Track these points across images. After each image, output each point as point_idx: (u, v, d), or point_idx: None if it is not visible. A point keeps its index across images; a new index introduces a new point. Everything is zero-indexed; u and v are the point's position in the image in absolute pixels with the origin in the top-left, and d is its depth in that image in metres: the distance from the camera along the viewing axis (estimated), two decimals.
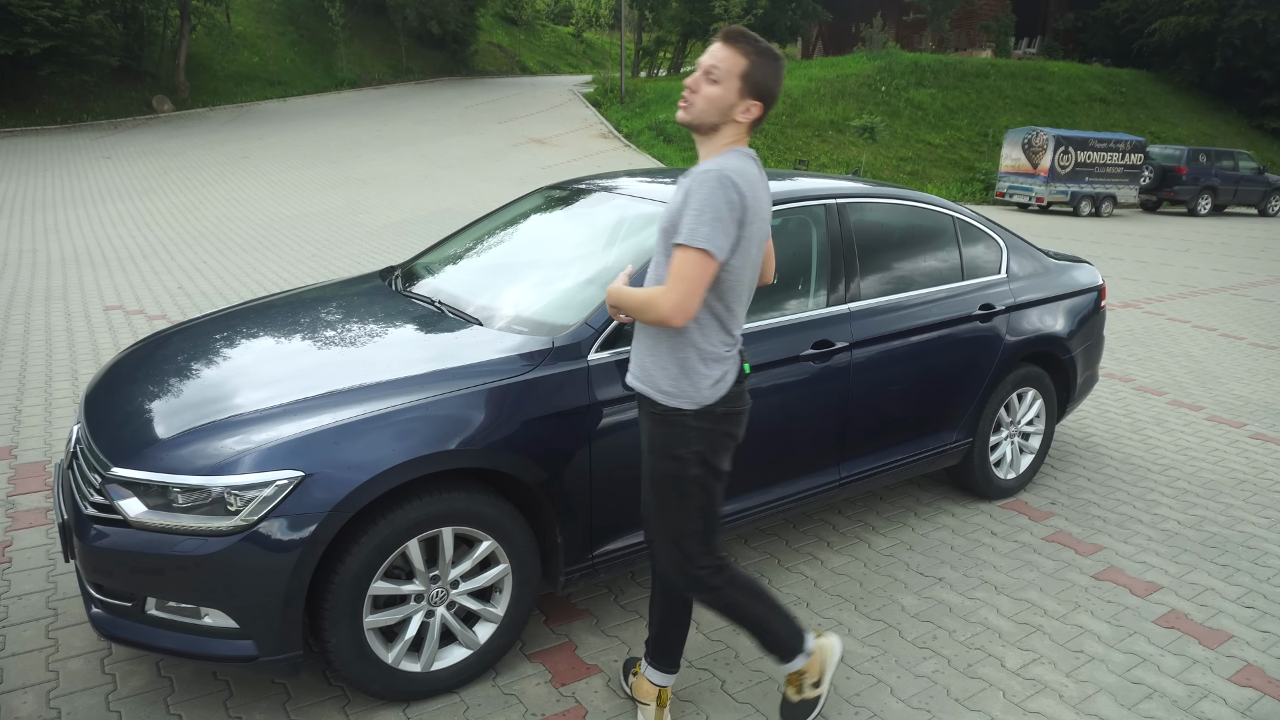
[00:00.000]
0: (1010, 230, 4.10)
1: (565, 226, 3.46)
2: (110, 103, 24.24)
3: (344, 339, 2.86)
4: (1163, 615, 3.16)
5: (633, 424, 2.68)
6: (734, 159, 2.03)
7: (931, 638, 2.97)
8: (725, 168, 1.97)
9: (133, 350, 3.10)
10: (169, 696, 2.53)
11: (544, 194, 3.78)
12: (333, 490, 2.22)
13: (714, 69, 2.02)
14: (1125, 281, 10.77)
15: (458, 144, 22.75)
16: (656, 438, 2.14)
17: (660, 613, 2.40)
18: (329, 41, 31.81)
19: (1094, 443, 4.94)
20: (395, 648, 2.45)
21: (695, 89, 2.04)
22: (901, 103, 24.24)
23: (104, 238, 10.94)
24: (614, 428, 2.66)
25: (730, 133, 2.07)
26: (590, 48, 46.99)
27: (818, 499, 3.32)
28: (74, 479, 2.51)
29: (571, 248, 3.28)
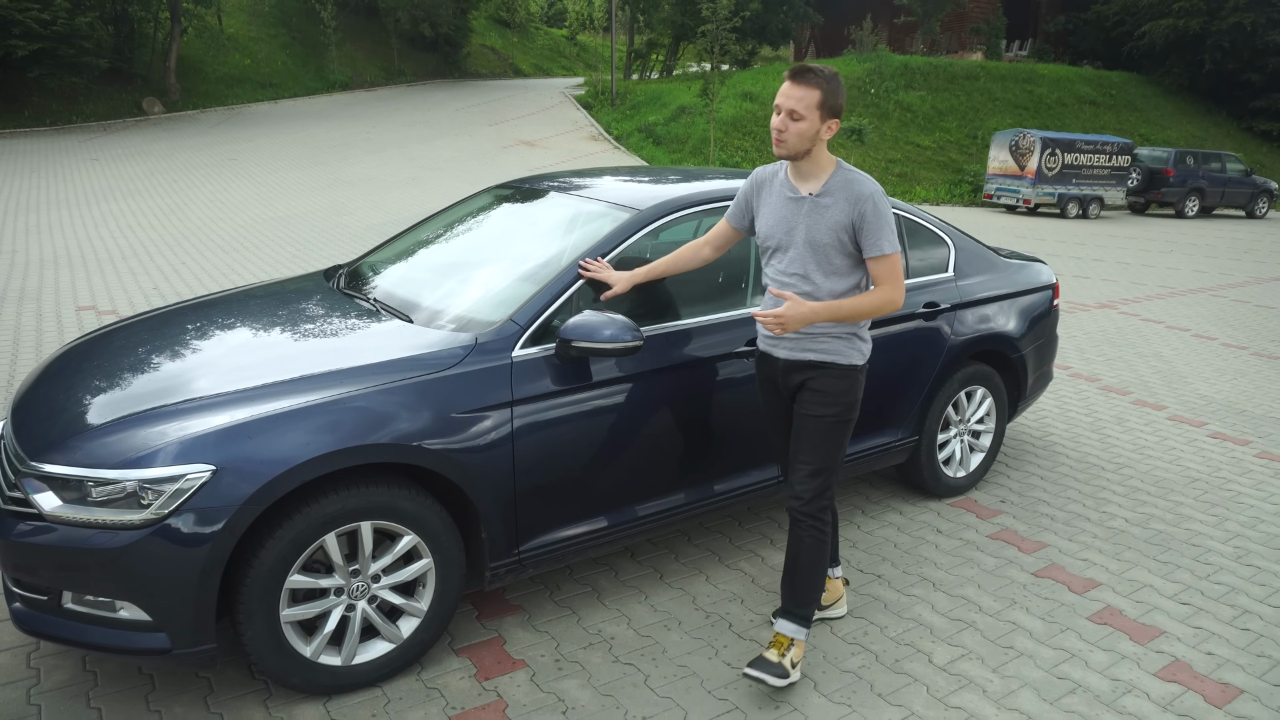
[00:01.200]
0: (959, 229, 4.11)
1: (506, 225, 3.47)
2: (100, 105, 24.23)
3: (273, 336, 2.87)
4: (1097, 611, 3.17)
5: (558, 420, 2.69)
6: (856, 172, 2.57)
7: (862, 633, 2.98)
8: (873, 184, 2.53)
9: (64, 349, 3.10)
10: (91, 690, 2.54)
11: (492, 193, 3.79)
12: (243, 485, 2.22)
13: (795, 110, 2.43)
14: (1104, 282, 10.80)
15: (447, 146, 22.76)
16: (828, 392, 2.59)
17: (791, 559, 2.69)
18: (321, 44, 31.83)
19: (1051, 441, 4.96)
20: (314, 641, 2.46)
21: (784, 129, 2.46)
22: (891, 105, 24.28)
23: (84, 239, 10.94)
24: (538, 424, 2.67)
25: (821, 148, 2.54)
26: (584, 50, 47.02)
27: (757, 495, 3.32)
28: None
29: (508, 246, 3.30)
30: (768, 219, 2.65)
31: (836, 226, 2.51)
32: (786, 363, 2.67)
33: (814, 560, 2.63)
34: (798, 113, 2.43)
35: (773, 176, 2.71)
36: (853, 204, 2.50)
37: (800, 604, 2.66)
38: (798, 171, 2.60)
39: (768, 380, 2.79)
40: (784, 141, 2.48)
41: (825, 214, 2.53)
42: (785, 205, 2.61)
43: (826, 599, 3.05)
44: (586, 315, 2.67)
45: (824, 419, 2.60)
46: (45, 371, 2.89)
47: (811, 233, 2.54)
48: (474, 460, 2.56)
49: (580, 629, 2.95)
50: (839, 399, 2.61)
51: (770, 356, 2.72)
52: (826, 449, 2.60)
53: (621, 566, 3.38)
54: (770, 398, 2.81)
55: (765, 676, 2.54)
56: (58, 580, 2.29)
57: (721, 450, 3.14)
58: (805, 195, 2.57)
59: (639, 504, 2.99)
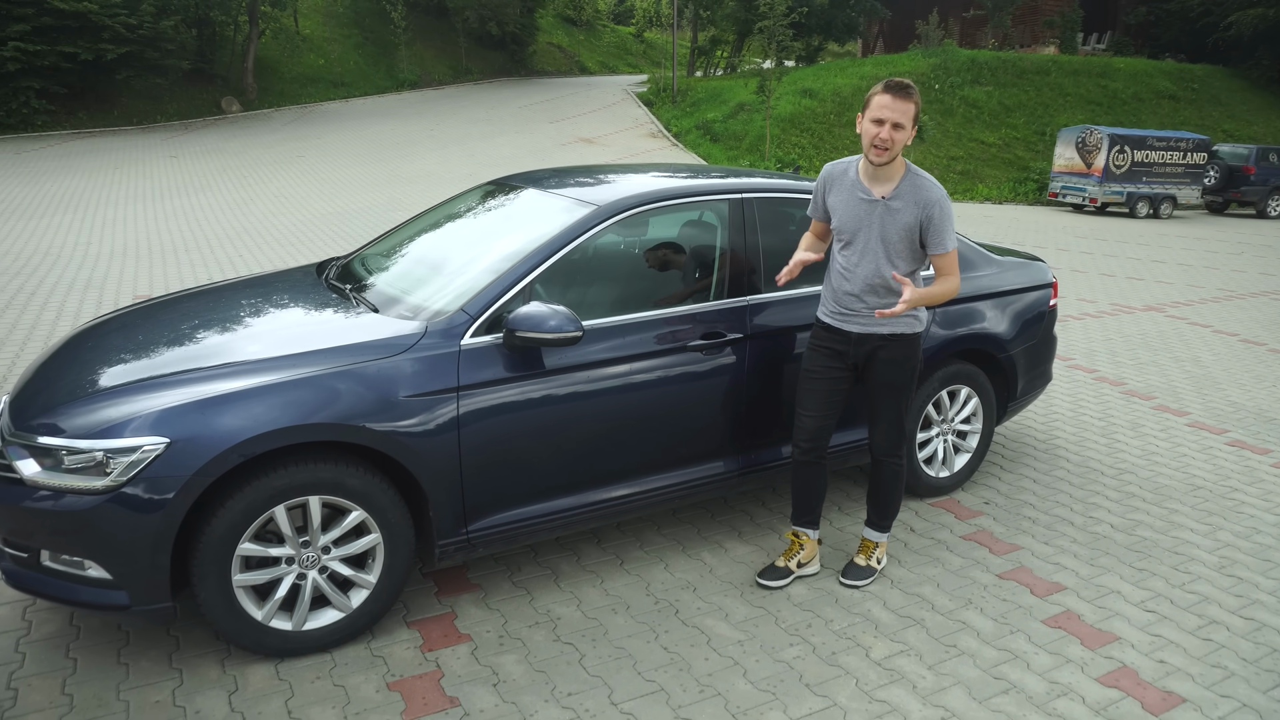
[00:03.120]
0: None
1: (481, 220, 3.61)
2: (183, 104, 25.42)
3: (248, 323, 3.06)
4: (1054, 615, 3.14)
5: (505, 407, 2.82)
6: (923, 175, 2.94)
7: (805, 625, 3.02)
8: (939, 189, 2.92)
9: (68, 335, 3.36)
10: (72, 643, 2.77)
11: (479, 190, 3.94)
12: (194, 457, 2.41)
13: (900, 122, 2.80)
14: (1158, 285, 10.42)
15: (507, 143, 23.18)
16: (897, 357, 3.05)
17: (876, 488, 3.30)
18: (391, 43, 32.71)
19: (1055, 444, 4.87)
20: (266, 606, 2.64)
21: (890, 140, 2.81)
22: (956, 101, 23.74)
23: (153, 232, 11.56)
24: (485, 410, 2.80)
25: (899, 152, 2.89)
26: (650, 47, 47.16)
27: (715, 487, 3.39)
28: None
29: (478, 240, 3.43)
30: (842, 215, 3.02)
31: (906, 227, 2.92)
32: (860, 335, 3.05)
33: (896, 486, 3.27)
34: (902, 124, 2.80)
35: (842, 174, 3.05)
36: (921, 208, 2.89)
37: (883, 517, 3.33)
38: (872, 174, 2.94)
39: (831, 351, 3.11)
40: (890, 150, 2.83)
41: (896, 216, 2.91)
42: (859, 205, 2.97)
43: (805, 557, 3.29)
44: (533, 306, 2.79)
45: (897, 382, 3.09)
46: (48, 354, 3.15)
47: (884, 232, 2.94)
48: (420, 442, 2.70)
49: (530, 608, 3.07)
50: (908, 363, 3.09)
51: (841, 330, 3.08)
52: (900, 406, 3.13)
53: (585, 551, 3.49)
54: (828, 367, 3.12)
55: (854, 583, 3.26)
56: (36, 540, 2.51)
57: (672, 443, 3.21)
58: (878, 198, 2.93)
59: (589, 491, 3.09)
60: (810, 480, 3.23)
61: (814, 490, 3.25)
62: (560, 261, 3.06)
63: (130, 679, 2.60)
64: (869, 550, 3.37)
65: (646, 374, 3.10)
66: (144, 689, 2.56)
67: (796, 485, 3.27)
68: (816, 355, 3.15)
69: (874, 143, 2.83)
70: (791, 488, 3.30)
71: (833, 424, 3.18)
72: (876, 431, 3.22)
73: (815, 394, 3.14)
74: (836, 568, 3.42)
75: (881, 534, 3.37)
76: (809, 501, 3.27)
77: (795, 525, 3.33)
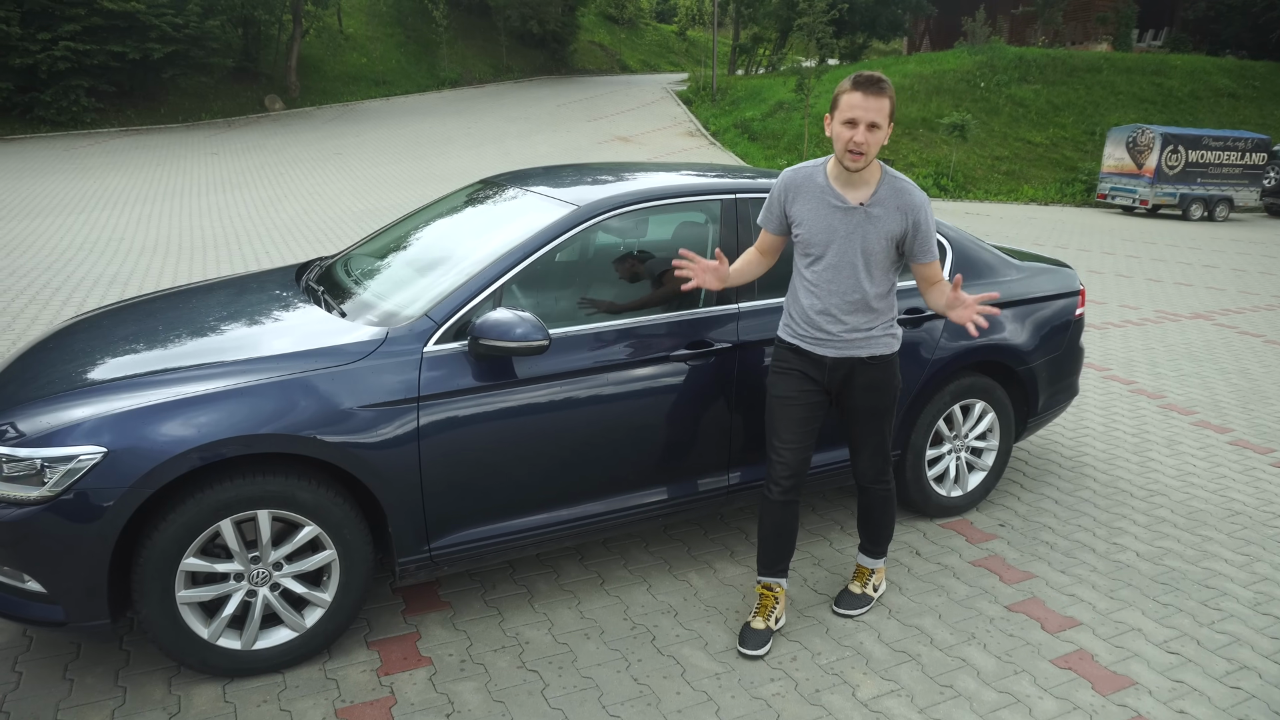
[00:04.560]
0: (963, 231, 3.84)
1: (462, 222, 3.45)
2: (228, 102, 25.87)
3: (210, 327, 2.94)
4: (1065, 655, 2.89)
5: (470, 419, 2.66)
6: (902, 179, 2.65)
7: (790, 658, 2.81)
8: (921, 193, 2.66)
9: (41, 336, 3.28)
10: (21, 655, 2.68)
11: (466, 190, 3.79)
12: (131, 468, 2.29)
13: (875, 121, 2.48)
14: (1208, 291, 9.94)
15: (544, 141, 23.15)
16: (878, 382, 2.79)
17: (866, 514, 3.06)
18: (433, 42, 32.97)
19: (1082, 462, 4.58)
20: (213, 624, 2.52)
21: (866, 142, 2.50)
22: (1002, 99, 23.11)
23: (186, 228, 11.68)
24: (447, 421, 2.64)
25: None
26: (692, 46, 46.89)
27: (702, 505, 3.20)
28: None
29: (455, 243, 3.28)
30: (811, 226, 2.67)
31: (889, 236, 2.63)
32: (836, 360, 2.76)
33: (886, 510, 3.03)
34: (877, 124, 2.49)
35: (808, 180, 2.70)
36: (905, 214, 2.61)
37: (877, 542, 3.10)
38: (847, 179, 2.61)
39: (803, 375, 2.79)
40: (866, 154, 2.52)
41: (879, 224, 2.61)
42: (832, 214, 2.64)
43: (780, 611, 2.94)
44: (499, 313, 2.63)
45: (880, 406, 2.83)
46: (11, 357, 3.06)
47: (866, 242, 2.63)
48: (376, 455, 2.55)
49: (499, 630, 2.91)
50: (890, 384, 2.83)
51: (813, 355, 2.77)
52: (884, 430, 2.88)
53: (565, 569, 3.32)
54: (796, 391, 2.79)
55: (848, 612, 3.06)
56: None
57: (655, 458, 3.03)
58: (855, 205, 2.61)
59: (563, 508, 2.92)
60: (787, 521, 2.85)
61: (790, 533, 2.87)
62: (540, 265, 2.90)
63: (72, 696, 2.50)
64: (864, 577, 3.15)
65: (627, 385, 2.92)
66: (83, 708, 2.45)
67: (769, 530, 2.86)
68: (788, 379, 2.80)
69: (849, 148, 2.50)
70: (761, 533, 2.88)
71: (811, 454, 2.86)
72: (862, 459, 2.93)
73: (793, 422, 2.78)
74: (831, 593, 3.21)
75: (877, 560, 3.13)
76: (784, 547, 2.89)
77: (766, 577, 2.92)
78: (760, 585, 2.95)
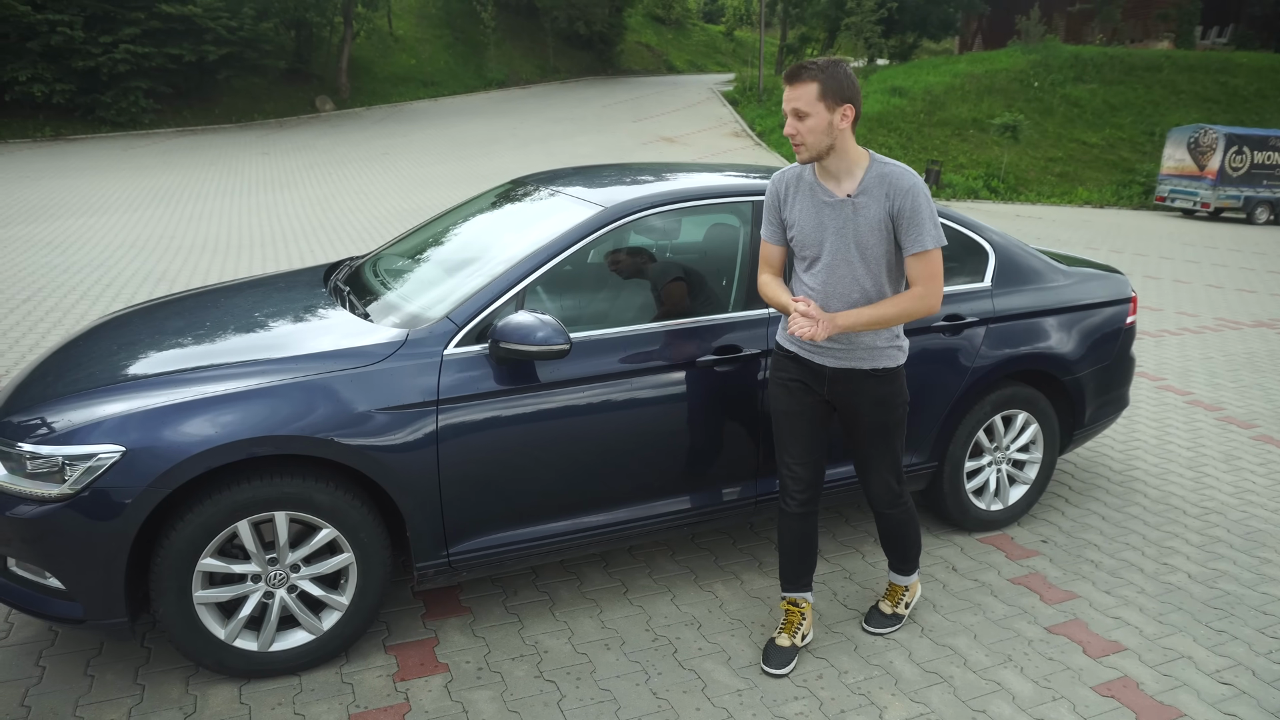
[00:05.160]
0: (1007, 235, 3.69)
1: (490, 223, 3.42)
2: (280, 103, 26.39)
3: (234, 327, 2.94)
4: (1108, 681, 2.74)
5: (489, 422, 2.61)
6: (893, 164, 2.47)
7: (816, 676, 2.72)
8: (914, 175, 2.43)
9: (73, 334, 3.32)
10: (46, 649, 2.70)
11: (501, 189, 3.76)
12: (148, 468, 2.29)
13: (798, 108, 2.37)
14: (1273, 298, 9.54)
15: (588, 142, 23.20)
16: (884, 396, 2.61)
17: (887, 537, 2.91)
18: (480, 43, 33.26)
19: (1133, 476, 4.38)
20: (230, 625, 2.51)
21: (796, 131, 2.39)
22: (1056, 99, 22.54)
23: (235, 227, 11.91)
24: (467, 425, 2.60)
25: (844, 140, 2.42)
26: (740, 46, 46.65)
27: (728, 515, 3.11)
28: None
29: (481, 244, 3.24)
30: (803, 225, 2.53)
31: (880, 226, 2.45)
32: (836, 372, 2.61)
33: (908, 531, 2.87)
34: (802, 110, 2.37)
35: (797, 180, 2.58)
36: (890, 198, 2.43)
37: (906, 560, 2.95)
38: (827, 171, 2.49)
39: (804, 386, 2.65)
40: (804, 144, 2.40)
41: (866, 214, 2.45)
42: (821, 210, 2.50)
43: (807, 627, 2.84)
44: (520, 316, 2.58)
45: (890, 422, 2.66)
46: (45, 355, 3.10)
47: (858, 236, 2.46)
48: (394, 458, 2.52)
49: (518, 638, 2.86)
50: (899, 398, 2.65)
51: (812, 365, 2.62)
52: (895, 448, 2.71)
53: (589, 576, 3.26)
54: (800, 403, 2.66)
55: (880, 630, 2.94)
56: (2, 545, 2.44)
57: (679, 466, 2.95)
58: (843, 198, 2.47)
59: (585, 515, 2.86)
60: (807, 534, 2.76)
61: (810, 545, 2.78)
62: (566, 266, 2.85)
63: (92, 693, 2.51)
64: (896, 596, 3.01)
65: (651, 391, 2.84)
66: (102, 705, 2.46)
67: (789, 544, 2.77)
68: (789, 392, 2.66)
69: (792, 143, 2.44)
70: (781, 548, 2.80)
71: (824, 464, 2.75)
72: (874, 481, 2.75)
73: (799, 436, 2.66)
74: (862, 609, 3.10)
75: (908, 577, 3.00)
76: (807, 560, 2.79)
77: (790, 593, 2.84)
78: (785, 601, 2.86)
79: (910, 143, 20.97)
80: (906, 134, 21.34)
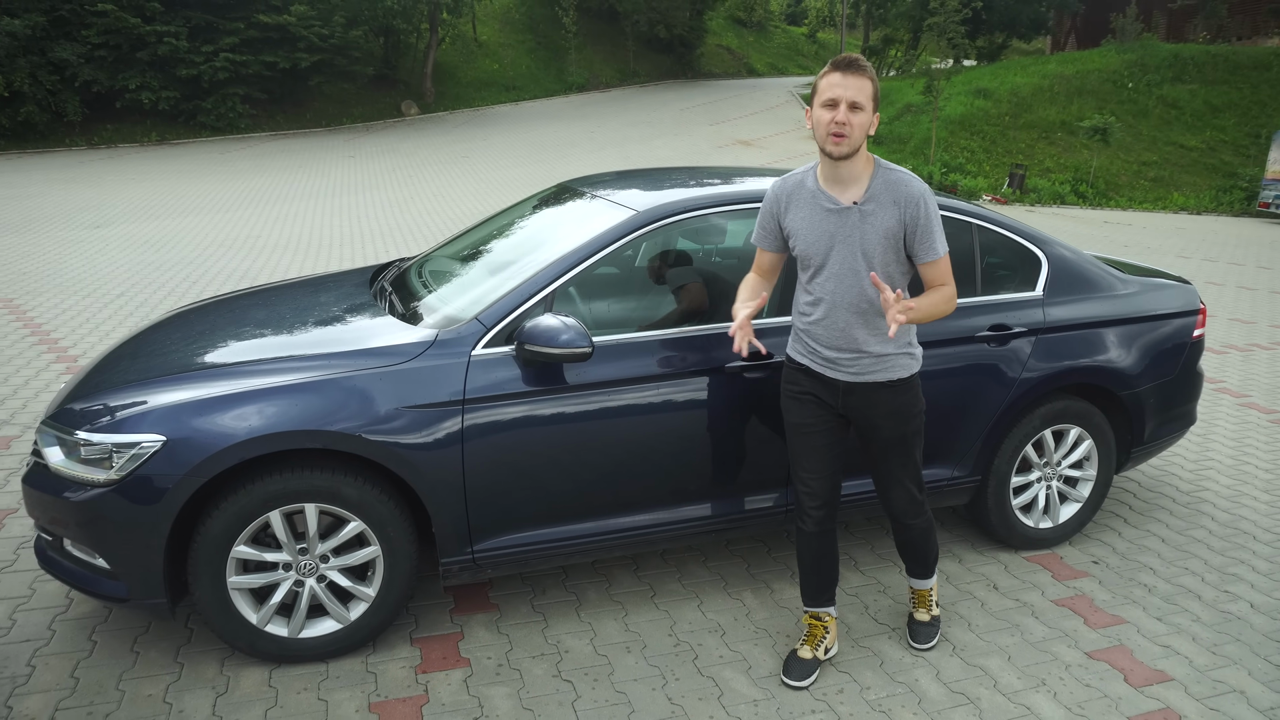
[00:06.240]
0: (1065, 243, 3.55)
1: (529, 226, 3.47)
2: (367, 107, 27.26)
3: (278, 325, 3.07)
4: (1147, 713, 2.61)
5: (515, 423, 2.66)
6: (898, 170, 2.45)
7: (836, 690, 2.67)
8: (920, 183, 2.43)
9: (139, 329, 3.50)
10: (99, 625, 2.86)
11: (547, 192, 3.81)
12: (187, 457, 2.41)
13: (857, 101, 2.31)
14: None
15: (664, 145, 23.23)
16: (900, 408, 2.56)
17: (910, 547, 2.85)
18: (562, 47, 33.67)
19: (1202, 497, 4.15)
20: (262, 610, 2.61)
21: (848, 121, 2.32)
22: (1152, 100, 21.50)
23: (316, 227, 12.36)
24: (492, 425, 2.64)
25: (864, 147, 2.41)
26: (823, 48, 46.05)
27: (756, 523, 3.08)
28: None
29: (517, 247, 3.29)
30: (806, 236, 2.50)
31: (888, 234, 2.41)
32: (851, 385, 2.55)
33: (928, 542, 2.83)
34: (859, 103, 2.32)
35: (798, 187, 2.54)
36: (901, 207, 2.40)
37: (927, 566, 2.90)
38: (834, 177, 2.44)
39: (816, 400, 2.60)
40: (849, 136, 2.33)
41: (873, 222, 2.41)
42: (825, 219, 2.46)
43: (830, 641, 2.81)
44: (545, 319, 2.61)
45: (908, 433, 2.61)
46: (110, 349, 3.29)
47: (864, 244, 2.42)
48: (420, 455, 2.58)
49: (541, 637, 2.89)
50: (915, 408, 2.61)
51: (825, 379, 2.57)
52: (914, 459, 2.66)
53: (618, 579, 3.27)
54: (813, 415, 2.61)
55: (928, 645, 2.88)
56: (56, 526, 2.60)
57: (705, 472, 2.94)
58: (849, 205, 2.43)
59: (610, 518, 2.88)
60: (827, 550, 2.72)
61: (830, 562, 2.75)
62: (600, 270, 2.88)
63: (135, 668, 2.65)
64: (926, 601, 2.96)
65: (676, 396, 2.84)
66: (142, 680, 2.59)
67: (808, 561, 2.74)
68: (803, 406, 2.61)
69: (830, 130, 2.32)
70: (800, 565, 2.76)
71: (841, 478, 2.69)
72: (896, 495, 2.70)
73: (815, 451, 2.61)
74: (893, 624, 3.03)
75: (930, 580, 2.95)
76: (827, 576, 2.76)
77: (812, 607, 2.80)
78: (808, 615, 2.81)
79: (994, 146, 20.32)
80: (990, 137, 20.68)
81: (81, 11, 21.11)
